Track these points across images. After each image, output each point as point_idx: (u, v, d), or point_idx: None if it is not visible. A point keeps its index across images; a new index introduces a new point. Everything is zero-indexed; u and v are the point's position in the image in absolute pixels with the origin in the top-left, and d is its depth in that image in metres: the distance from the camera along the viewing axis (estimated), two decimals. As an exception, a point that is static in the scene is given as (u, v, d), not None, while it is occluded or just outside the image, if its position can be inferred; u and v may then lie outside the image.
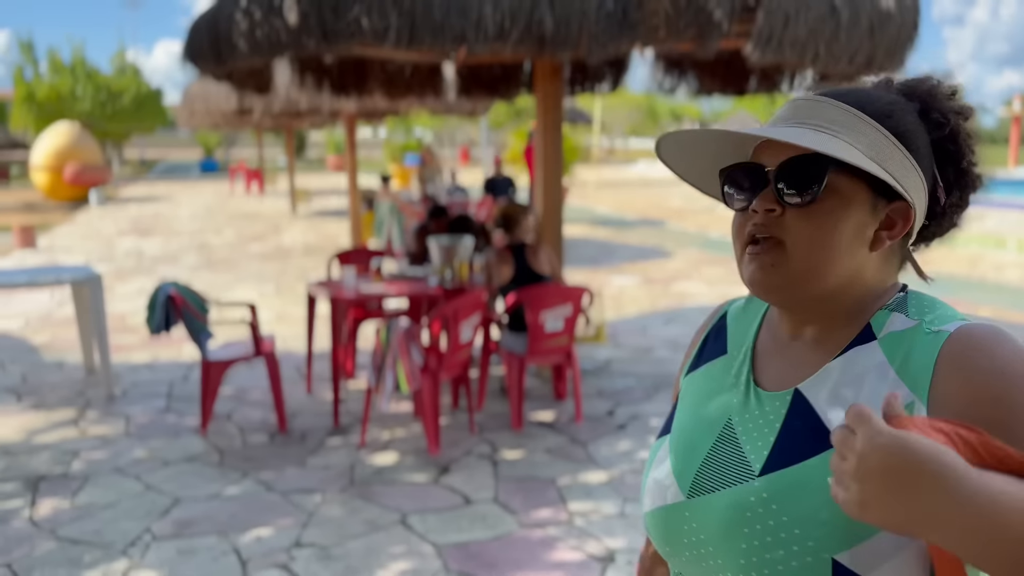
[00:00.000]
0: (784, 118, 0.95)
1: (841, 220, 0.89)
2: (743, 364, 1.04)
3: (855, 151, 0.88)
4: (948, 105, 0.98)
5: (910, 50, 4.80)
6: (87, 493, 3.86)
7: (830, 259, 0.90)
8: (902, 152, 0.91)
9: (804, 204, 0.89)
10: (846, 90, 0.95)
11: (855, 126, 0.90)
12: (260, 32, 4.12)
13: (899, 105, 0.94)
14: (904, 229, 0.93)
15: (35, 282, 5.18)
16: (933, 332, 0.87)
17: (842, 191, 0.89)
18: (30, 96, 34.26)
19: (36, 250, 12.82)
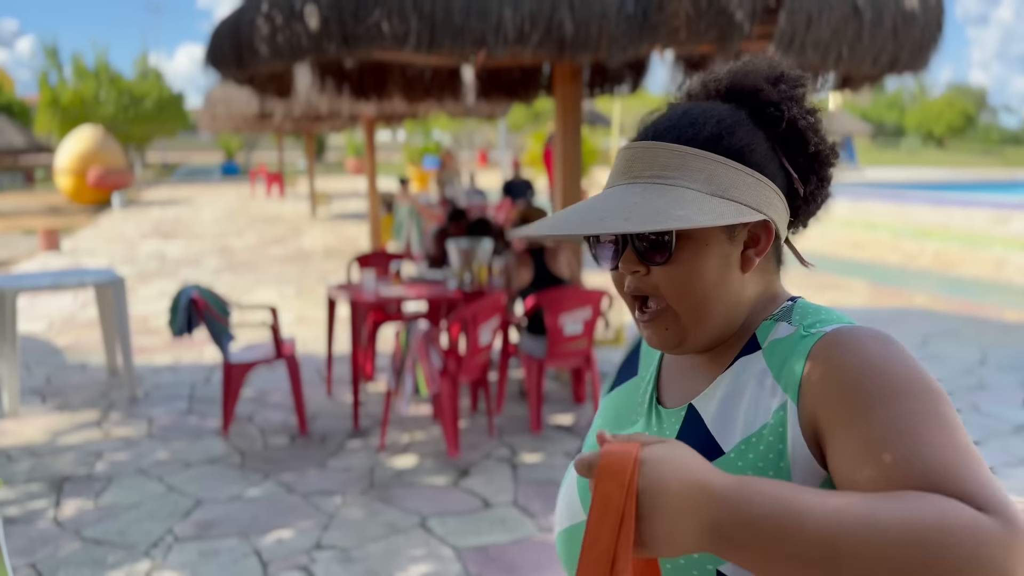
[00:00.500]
0: (621, 172, 0.94)
1: (702, 263, 0.90)
2: (649, 384, 1.06)
3: (690, 203, 0.86)
4: (777, 94, 0.95)
5: (934, 51, 4.76)
6: (111, 494, 3.90)
7: (708, 301, 0.91)
8: (743, 171, 0.90)
9: (664, 263, 0.90)
10: (675, 119, 0.94)
11: (689, 164, 0.89)
12: (281, 37, 4.14)
13: (727, 121, 0.92)
14: (768, 242, 0.93)
15: (59, 285, 5.23)
16: (810, 334, 0.88)
17: (695, 235, 0.90)
18: (54, 101, 34.67)
19: (60, 253, 12.97)
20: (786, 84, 0.96)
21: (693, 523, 0.67)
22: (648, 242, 0.90)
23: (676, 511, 0.66)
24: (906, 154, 57.66)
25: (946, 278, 9.62)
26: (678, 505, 0.66)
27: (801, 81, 0.97)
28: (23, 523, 3.60)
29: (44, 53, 36.02)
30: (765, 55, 1.01)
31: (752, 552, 0.66)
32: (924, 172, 36.19)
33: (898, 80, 5.25)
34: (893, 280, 9.53)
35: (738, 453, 0.87)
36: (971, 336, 6.70)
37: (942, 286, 9.06)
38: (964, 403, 5.01)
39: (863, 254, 11.73)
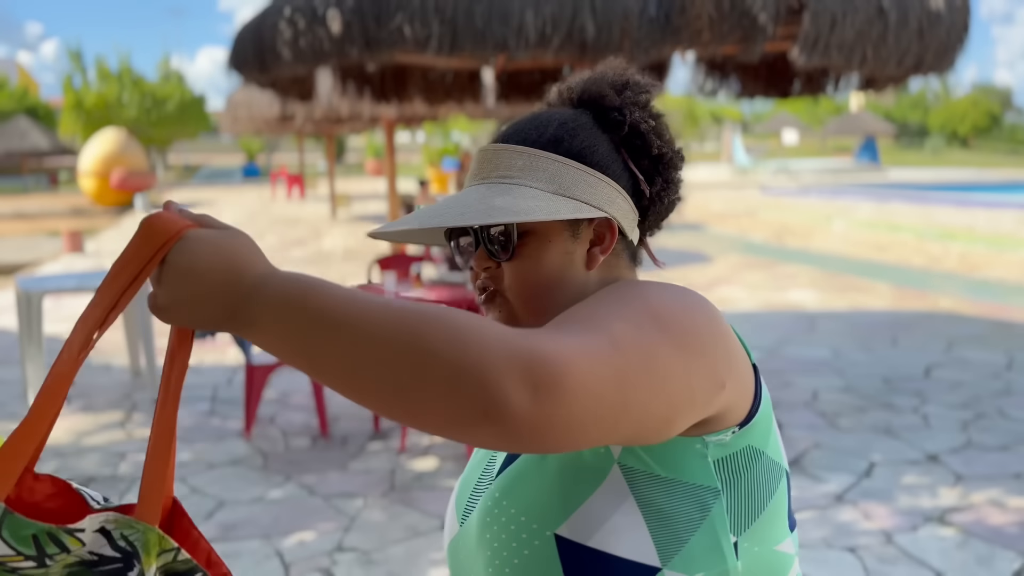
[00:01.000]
0: (473, 174, 0.98)
1: (544, 259, 0.93)
2: None
3: (529, 200, 0.90)
4: (621, 100, 0.99)
5: (960, 51, 4.70)
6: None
7: (543, 295, 0.94)
8: (584, 171, 0.93)
9: (508, 259, 0.94)
10: (523, 124, 0.98)
11: (533, 164, 0.93)
12: (304, 41, 4.16)
13: (570, 124, 0.96)
14: (612, 241, 0.95)
15: (84, 287, 5.28)
16: None
17: (538, 231, 0.93)
18: (78, 103, 35.10)
19: (84, 254, 13.11)
20: (631, 90, 1.00)
21: (212, 306, 0.70)
22: (493, 239, 0.94)
23: (195, 289, 0.69)
24: (930, 154, 57.11)
25: (972, 280, 9.50)
26: (198, 285, 0.69)
27: (646, 88, 1.01)
28: (49, 523, 3.63)
29: (68, 56, 36.50)
30: (619, 64, 1.04)
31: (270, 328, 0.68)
32: (948, 173, 35.82)
33: (922, 80, 5.20)
34: (917, 283, 9.43)
35: None
36: (997, 340, 6.61)
37: (968, 289, 8.96)
38: (990, 408, 4.95)
39: (887, 256, 11.62)
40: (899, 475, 3.97)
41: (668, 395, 0.75)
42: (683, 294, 0.84)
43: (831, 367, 5.90)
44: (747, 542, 0.86)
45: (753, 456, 0.88)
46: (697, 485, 0.84)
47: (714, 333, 0.82)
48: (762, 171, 36.92)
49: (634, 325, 0.76)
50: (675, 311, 0.80)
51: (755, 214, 18.02)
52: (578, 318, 0.77)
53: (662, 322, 0.78)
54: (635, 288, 0.84)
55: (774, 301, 8.47)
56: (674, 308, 0.81)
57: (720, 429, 0.85)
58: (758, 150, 49.44)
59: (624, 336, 0.74)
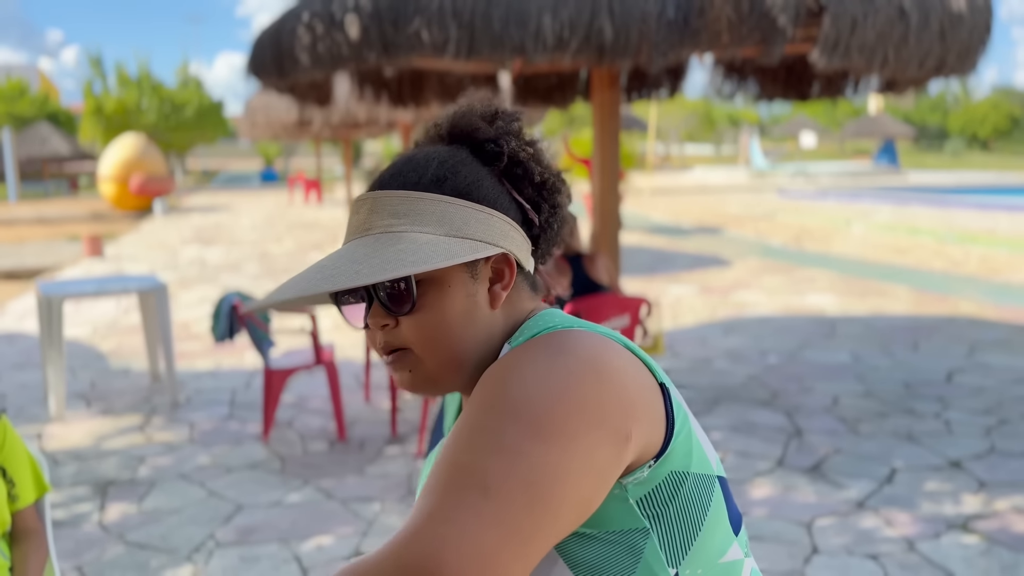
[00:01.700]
0: (354, 228, 0.93)
1: (446, 307, 0.89)
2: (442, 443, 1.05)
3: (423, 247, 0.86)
4: (494, 131, 0.96)
5: (982, 52, 4.65)
6: (153, 498, 3.94)
7: (454, 344, 0.89)
8: (472, 208, 0.90)
9: (408, 312, 0.89)
10: (399, 167, 0.94)
11: (417, 208, 0.89)
12: (322, 46, 4.17)
13: (450, 161, 0.93)
14: (512, 274, 0.93)
15: (104, 291, 5.32)
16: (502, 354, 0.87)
17: (436, 278, 0.89)
18: (98, 109, 35.43)
19: (103, 259, 13.21)
20: (502, 120, 0.98)
21: None
22: (389, 293, 0.88)
23: None
24: (950, 157, 56.62)
25: (993, 284, 9.40)
26: None
27: (516, 116, 0.99)
28: (70, 526, 3.65)
29: (88, 63, 36.86)
30: (483, 96, 1.04)
31: None
32: (968, 176, 35.50)
33: (942, 82, 5.15)
34: (938, 286, 9.34)
35: None
36: (1020, 344, 6.53)
37: (989, 293, 8.86)
38: (1013, 414, 4.88)
39: (906, 260, 11.51)
40: (921, 481, 3.93)
41: (572, 494, 0.73)
42: (548, 370, 0.78)
43: (852, 372, 5.85)
44: (688, 569, 0.83)
45: (677, 481, 0.83)
46: (624, 531, 0.80)
47: (601, 395, 0.77)
48: (780, 174, 36.75)
49: (502, 453, 0.72)
50: (544, 403, 0.75)
51: (773, 217, 17.92)
52: (440, 476, 0.73)
53: (533, 425, 0.74)
54: (495, 391, 0.78)
55: (793, 305, 8.41)
56: (543, 400, 0.75)
57: (635, 469, 0.81)
58: (776, 153, 49.21)
59: (495, 476, 0.71)
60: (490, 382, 0.79)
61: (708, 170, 42.04)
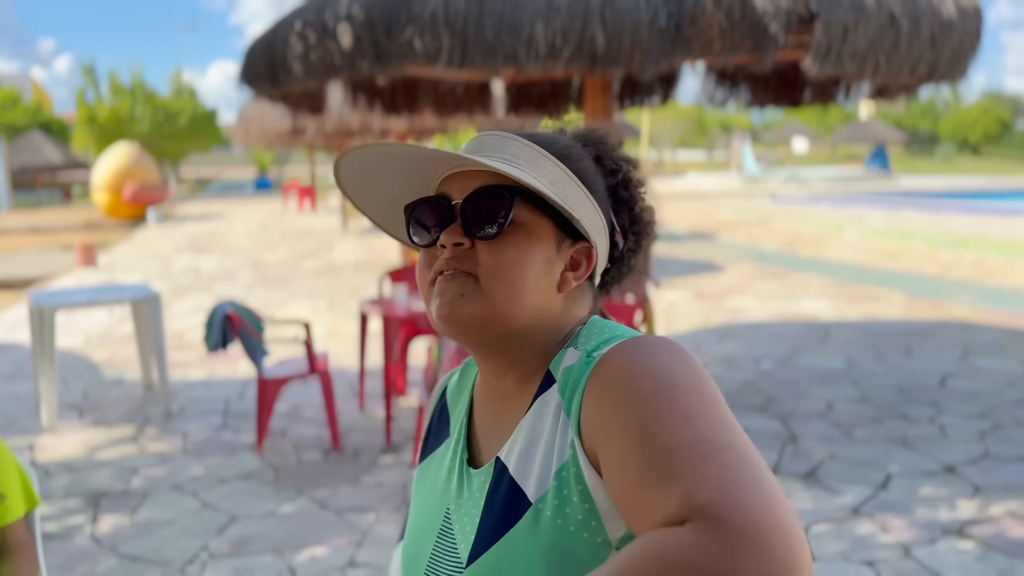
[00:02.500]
0: (470, 151, 0.92)
1: (529, 254, 0.87)
2: (458, 443, 0.98)
3: (539, 183, 0.86)
4: (618, 154, 0.99)
5: (972, 58, 4.67)
6: (146, 510, 3.92)
7: (519, 292, 0.87)
8: (584, 192, 0.91)
9: (492, 236, 0.86)
10: (523, 131, 0.95)
11: (538, 162, 0.89)
12: (314, 55, 4.17)
13: (577, 148, 0.94)
14: (588, 270, 0.92)
15: (96, 301, 5.30)
16: (592, 357, 0.83)
17: (528, 225, 0.88)
18: (91, 118, 35.36)
19: (96, 268, 13.17)
20: (624, 152, 1.00)
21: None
22: (484, 211, 0.86)
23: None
24: (941, 162, 56.88)
25: (986, 289, 9.43)
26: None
27: (635, 158, 1.01)
28: (61, 539, 3.63)
29: (81, 71, 36.81)
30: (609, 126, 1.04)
31: None
32: (960, 180, 35.66)
33: (933, 88, 5.17)
34: (930, 291, 9.36)
35: (544, 502, 0.81)
36: (1013, 348, 6.55)
37: (982, 297, 8.89)
38: (1007, 418, 4.89)
39: (899, 264, 11.54)
40: (916, 487, 3.93)
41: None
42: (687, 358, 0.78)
43: (846, 377, 5.85)
44: None
45: None
46: None
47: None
48: (772, 180, 36.85)
49: (712, 419, 0.70)
50: (704, 377, 0.77)
51: (766, 223, 17.96)
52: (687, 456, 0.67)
53: (710, 393, 0.74)
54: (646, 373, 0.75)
55: (786, 311, 8.42)
56: (700, 374, 0.77)
57: None
58: (768, 159, 49.36)
59: (728, 433, 0.69)
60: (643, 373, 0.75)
61: (701, 176, 42.13)
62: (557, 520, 0.79)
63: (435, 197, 0.91)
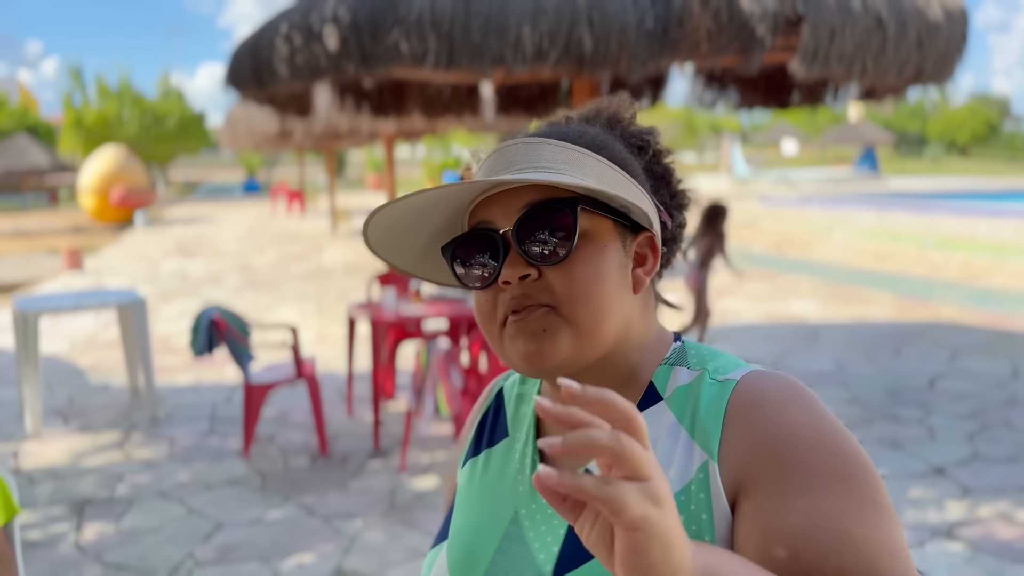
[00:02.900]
0: (500, 167, 0.81)
1: (604, 265, 0.79)
2: (527, 446, 0.91)
3: (594, 184, 0.77)
4: (638, 127, 0.92)
5: (959, 60, 4.69)
6: (131, 517, 3.88)
7: (605, 312, 0.78)
8: (630, 180, 0.83)
9: (563, 259, 0.77)
10: (553, 128, 0.86)
11: (578, 161, 0.80)
12: (300, 57, 4.14)
13: (603, 136, 0.86)
14: (656, 262, 0.85)
15: (81, 306, 5.25)
16: (719, 382, 0.79)
17: (593, 233, 0.79)
18: (78, 121, 35.20)
19: (83, 272, 13.08)
20: (639, 123, 0.93)
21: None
22: (544, 232, 0.76)
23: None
24: (929, 163, 57.20)
25: (974, 290, 9.46)
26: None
27: (653, 126, 0.93)
28: (45, 547, 3.58)
29: (68, 74, 36.64)
30: (625, 97, 0.96)
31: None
32: (948, 181, 35.86)
33: (921, 90, 5.18)
34: (919, 292, 9.39)
35: None
36: (1002, 349, 6.57)
37: (970, 298, 8.92)
38: (996, 419, 4.90)
39: (888, 266, 11.58)
40: (906, 489, 3.92)
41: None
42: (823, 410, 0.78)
43: (835, 379, 5.86)
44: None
45: None
46: None
47: None
48: (762, 181, 36.97)
49: (882, 519, 0.72)
50: (858, 452, 0.76)
51: (756, 225, 18.00)
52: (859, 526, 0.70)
53: (874, 479, 0.75)
54: (830, 445, 0.74)
55: (776, 313, 8.43)
56: (855, 448, 0.76)
57: None
58: (757, 160, 49.53)
59: (894, 537, 0.72)
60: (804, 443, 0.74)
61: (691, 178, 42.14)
62: None
63: (477, 230, 0.81)
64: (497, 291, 0.80)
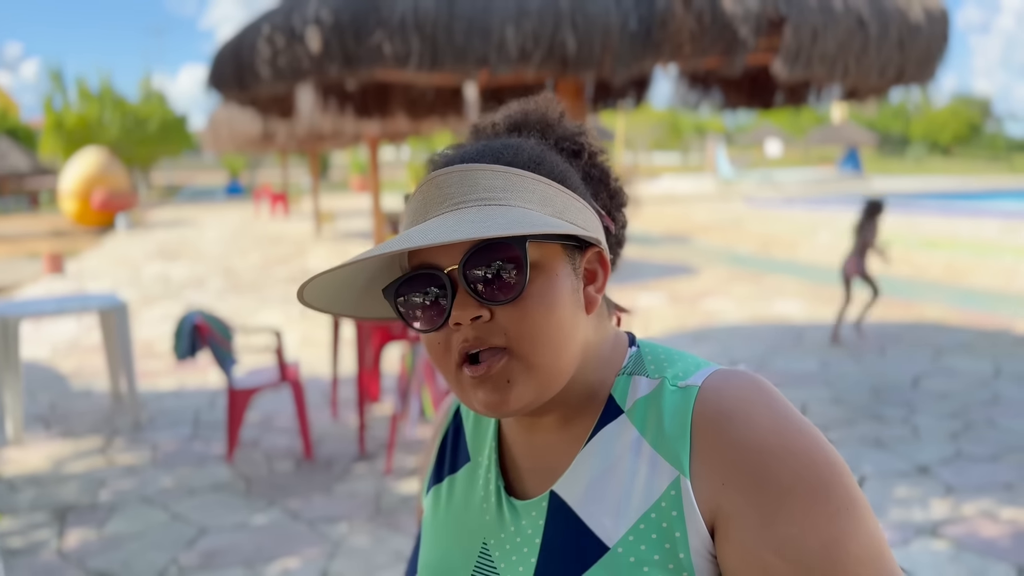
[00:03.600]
0: (436, 203, 0.76)
1: (556, 295, 0.75)
2: (489, 470, 0.88)
3: (535, 214, 0.74)
4: (568, 128, 0.89)
5: (940, 61, 4.72)
6: (114, 523, 3.84)
7: (563, 345, 0.75)
8: (571, 196, 0.79)
9: (516, 297, 0.73)
10: (483, 148, 0.80)
11: (518, 186, 0.76)
12: (283, 59, 4.12)
13: (539, 148, 0.82)
14: (606, 275, 0.82)
15: (62, 311, 5.20)
16: (680, 388, 0.77)
17: (543, 264, 0.75)
18: (59, 124, 34.91)
19: (64, 276, 12.97)
20: (569, 122, 0.91)
21: None
22: (491, 272, 0.72)
23: None
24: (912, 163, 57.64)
25: (957, 289, 9.54)
26: None
27: (580, 124, 0.91)
28: (26, 555, 3.54)
29: (49, 77, 36.34)
30: (548, 96, 0.93)
31: None
32: (931, 181, 36.14)
33: (903, 90, 5.22)
34: (903, 292, 9.45)
35: (627, 547, 0.74)
36: (984, 348, 6.62)
37: (953, 298, 8.98)
38: (979, 418, 4.93)
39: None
40: (890, 488, 3.94)
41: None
42: (788, 407, 0.76)
43: (819, 379, 5.88)
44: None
45: None
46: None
47: None
48: (746, 182, 37.13)
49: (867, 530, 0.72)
50: (827, 451, 0.74)
51: (740, 225, 18.07)
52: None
53: (849, 497, 0.73)
54: (800, 450, 0.72)
55: (761, 313, 8.46)
56: (824, 447, 0.74)
57: None
58: (742, 161, 49.75)
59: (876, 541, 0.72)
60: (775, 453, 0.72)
61: (676, 179, 42.31)
62: (643, 568, 0.72)
63: (421, 272, 0.76)
64: (448, 332, 0.77)
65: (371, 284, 0.84)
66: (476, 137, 0.90)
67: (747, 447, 0.72)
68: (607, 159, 0.91)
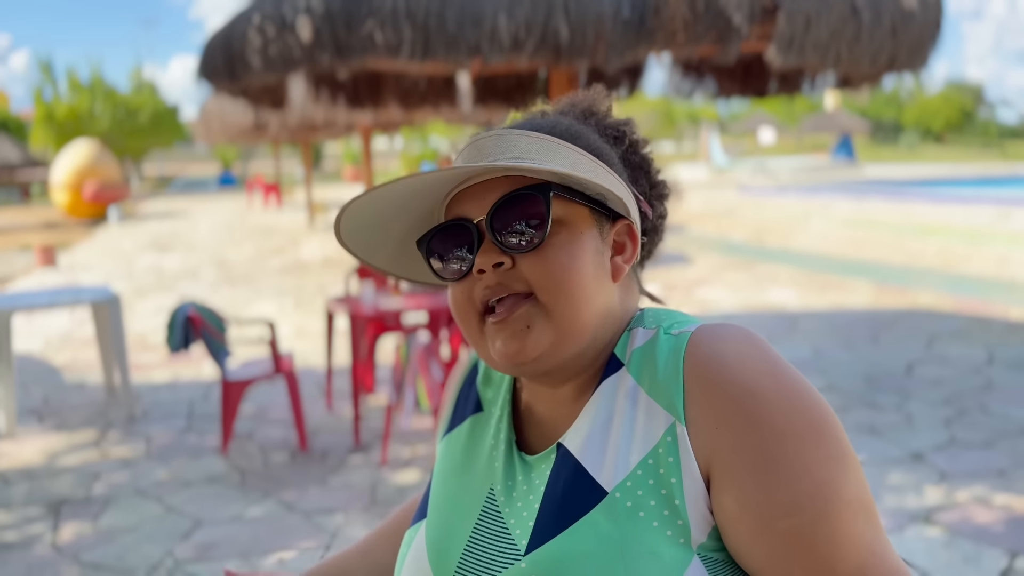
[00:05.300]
0: (471, 160, 0.82)
1: (579, 250, 0.79)
2: (501, 421, 0.91)
3: (565, 169, 0.78)
4: (614, 119, 0.93)
5: (933, 48, 4.71)
6: (109, 516, 3.83)
7: (584, 298, 0.78)
8: (604, 167, 0.83)
9: (536, 245, 0.77)
10: (525, 120, 0.88)
11: (551, 150, 0.80)
12: (273, 49, 4.09)
13: (577, 126, 0.87)
14: (635, 249, 0.85)
15: (55, 303, 5.18)
16: (673, 335, 0.79)
17: (568, 220, 0.80)
18: (49, 115, 34.72)
19: (56, 269, 12.92)
20: (615, 115, 0.95)
21: None
22: (517, 219, 0.77)
23: None
24: (905, 150, 57.72)
25: (950, 276, 9.56)
26: None
27: (630, 118, 0.95)
28: (21, 548, 3.53)
29: (39, 68, 36.11)
30: (600, 90, 0.97)
31: None
32: (924, 168, 36.20)
33: (896, 77, 5.21)
34: (896, 279, 9.47)
35: (624, 492, 0.75)
36: (977, 335, 6.64)
37: (946, 284, 9.01)
38: (972, 404, 4.95)
39: (866, 253, 11.67)
40: (884, 474, 3.96)
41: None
42: (778, 358, 0.77)
43: (813, 366, 5.89)
44: None
45: None
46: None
47: None
48: (740, 170, 37.13)
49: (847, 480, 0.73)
50: (816, 398, 0.77)
51: (734, 214, 18.08)
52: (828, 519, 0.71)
53: (840, 445, 0.75)
54: (792, 398, 0.74)
55: (755, 301, 8.47)
56: (813, 394, 0.76)
57: None
58: (735, 149, 49.74)
59: (862, 499, 0.73)
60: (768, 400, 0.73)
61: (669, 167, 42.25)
62: (639, 513, 0.73)
63: (452, 221, 0.82)
64: (472, 282, 0.81)
65: (406, 238, 0.89)
66: (524, 119, 0.94)
67: (739, 388, 0.73)
68: (651, 151, 0.94)
